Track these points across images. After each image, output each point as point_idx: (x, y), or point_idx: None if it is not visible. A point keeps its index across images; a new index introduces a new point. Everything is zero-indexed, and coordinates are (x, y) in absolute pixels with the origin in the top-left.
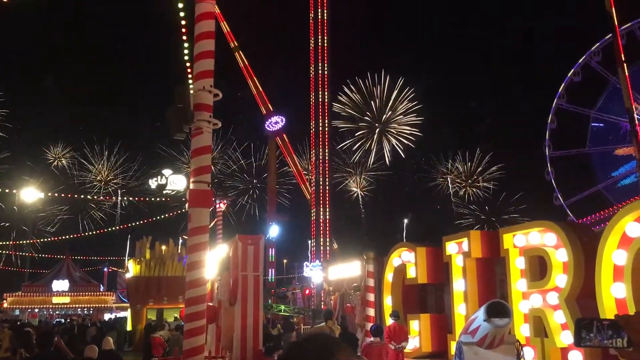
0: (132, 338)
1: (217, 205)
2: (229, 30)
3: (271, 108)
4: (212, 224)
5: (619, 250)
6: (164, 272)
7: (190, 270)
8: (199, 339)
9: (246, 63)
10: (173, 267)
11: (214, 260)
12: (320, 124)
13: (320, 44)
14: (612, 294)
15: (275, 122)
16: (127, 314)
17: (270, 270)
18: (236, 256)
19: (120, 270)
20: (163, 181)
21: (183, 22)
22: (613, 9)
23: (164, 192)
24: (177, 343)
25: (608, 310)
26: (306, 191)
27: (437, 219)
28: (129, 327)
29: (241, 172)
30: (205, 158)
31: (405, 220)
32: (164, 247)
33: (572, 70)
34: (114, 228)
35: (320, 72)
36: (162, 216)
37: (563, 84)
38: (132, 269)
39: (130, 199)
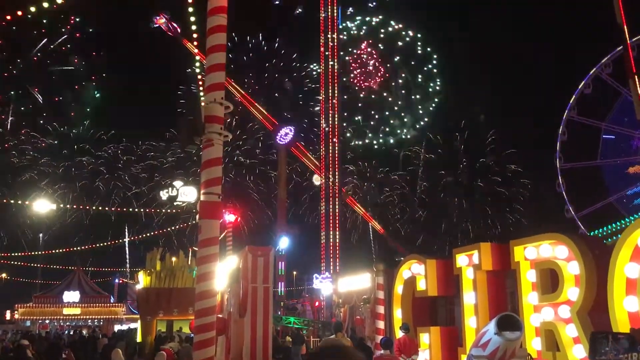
0: (142, 350)
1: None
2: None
3: (276, 122)
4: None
5: (632, 263)
6: (174, 284)
7: (200, 282)
8: (208, 350)
9: (241, 91)
10: (183, 278)
11: (224, 271)
12: (331, 148)
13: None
14: (624, 308)
15: (285, 134)
16: (137, 325)
17: (280, 283)
18: (246, 268)
19: (130, 281)
20: (174, 193)
21: (195, 35)
22: (624, 21)
23: (175, 203)
24: (187, 355)
25: (621, 324)
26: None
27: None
28: (138, 339)
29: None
30: (215, 170)
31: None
32: (174, 259)
33: (583, 82)
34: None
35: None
36: (173, 227)
37: (574, 96)
38: (143, 280)
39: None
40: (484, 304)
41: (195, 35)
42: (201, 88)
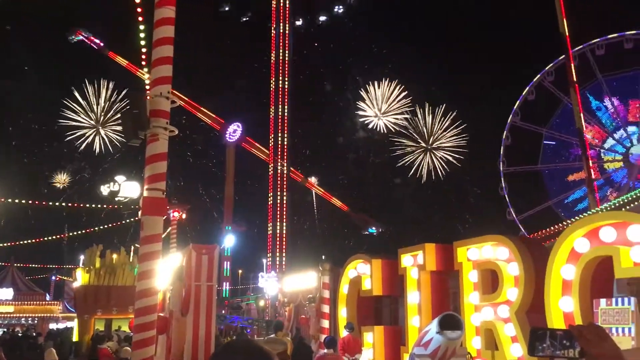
0: (78, 349)
1: (172, 215)
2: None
3: (222, 120)
4: (165, 233)
5: (568, 265)
6: (114, 282)
7: (141, 280)
8: (148, 350)
9: (184, 98)
10: (124, 276)
11: (166, 269)
12: (280, 133)
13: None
14: (560, 308)
15: (234, 131)
16: (74, 324)
17: (224, 283)
18: (189, 266)
19: (68, 279)
20: (116, 187)
21: (142, 27)
22: (567, 31)
23: (116, 199)
24: (126, 354)
25: (556, 323)
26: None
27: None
28: (75, 338)
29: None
30: (160, 165)
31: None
32: (115, 256)
33: (527, 89)
34: (62, 235)
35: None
36: (114, 224)
37: (517, 102)
38: (81, 277)
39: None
40: (427, 303)
41: (141, 27)
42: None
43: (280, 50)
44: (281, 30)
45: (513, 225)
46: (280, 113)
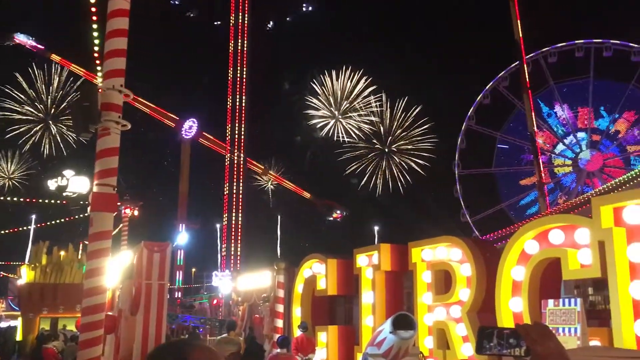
0: (22, 349)
1: (124, 212)
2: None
3: (177, 117)
4: (116, 230)
5: (518, 266)
6: (61, 279)
7: (89, 278)
8: (95, 350)
9: (141, 100)
10: (72, 273)
11: (116, 267)
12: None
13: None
14: (510, 308)
15: (190, 127)
16: (18, 323)
17: (177, 272)
18: (140, 264)
19: (12, 276)
20: (64, 182)
21: (94, 18)
22: (521, 38)
23: (64, 194)
24: (72, 354)
25: (506, 323)
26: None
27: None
28: (19, 337)
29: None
30: (111, 160)
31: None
32: (62, 253)
33: (482, 93)
34: (9, 231)
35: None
36: (62, 220)
37: (473, 106)
38: (26, 275)
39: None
40: (382, 303)
41: (94, 18)
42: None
43: (239, 40)
44: (240, 21)
45: (467, 227)
46: (237, 103)
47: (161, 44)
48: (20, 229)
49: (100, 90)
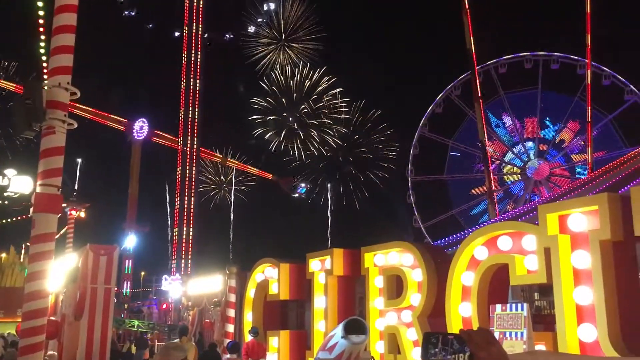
0: None
1: (69, 213)
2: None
3: (125, 120)
4: (61, 232)
5: (468, 271)
6: (2, 282)
7: (30, 281)
8: (35, 356)
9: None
10: (13, 276)
11: (60, 270)
12: (190, 113)
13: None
14: (459, 313)
15: (141, 128)
16: None
17: (125, 282)
18: (86, 267)
19: None
20: (5, 182)
21: (41, 13)
22: (473, 48)
23: (5, 194)
24: None
25: (455, 328)
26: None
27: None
28: None
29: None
30: (56, 160)
31: None
32: (3, 255)
33: (435, 101)
34: None
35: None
36: (3, 221)
37: (426, 114)
38: None
39: None
40: (334, 308)
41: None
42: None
43: (194, 25)
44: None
45: (419, 233)
46: (192, 86)
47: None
48: None
49: (45, 87)
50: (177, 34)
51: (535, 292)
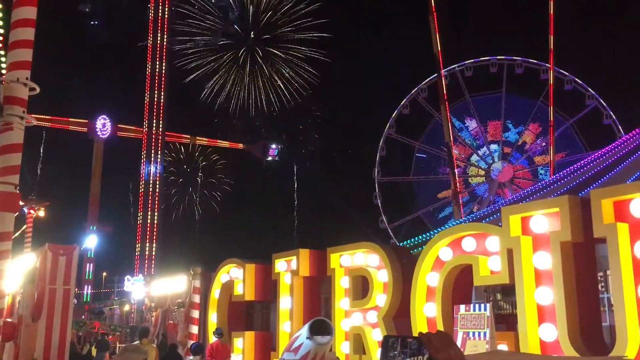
0: None
1: (28, 211)
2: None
3: (86, 120)
4: (19, 232)
5: (433, 272)
6: None
7: None
8: None
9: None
10: None
11: (17, 271)
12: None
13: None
14: (424, 313)
15: (103, 125)
16: None
17: (86, 287)
18: (44, 267)
19: None
20: None
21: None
22: (439, 51)
23: None
24: None
25: (420, 328)
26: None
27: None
28: None
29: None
30: (13, 157)
31: None
32: None
33: (402, 103)
34: None
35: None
36: None
37: (393, 115)
38: None
39: None
40: (299, 309)
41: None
42: None
43: (160, 7)
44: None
45: (385, 234)
46: (157, 70)
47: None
48: None
49: (3, 82)
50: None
51: (498, 293)
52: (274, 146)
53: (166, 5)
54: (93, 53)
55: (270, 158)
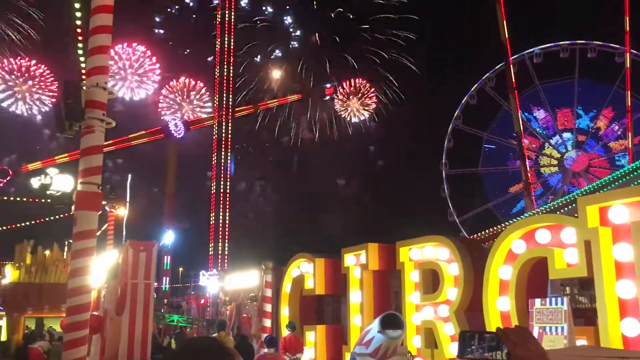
0: (7, 349)
1: (109, 210)
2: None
3: (159, 128)
4: (102, 229)
5: (505, 265)
6: (46, 279)
7: (73, 277)
8: (80, 350)
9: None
10: (57, 273)
11: (101, 266)
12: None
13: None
14: (497, 308)
15: (176, 126)
16: (2, 322)
17: (164, 278)
18: (126, 263)
19: None
20: (47, 180)
21: (78, 15)
22: (507, 39)
23: (48, 192)
24: (58, 354)
25: (493, 323)
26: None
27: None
28: (3, 337)
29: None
30: (95, 158)
31: None
32: (47, 252)
33: (469, 93)
34: None
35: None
36: (46, 219)
37: (460, 106)
38: (10, 274)
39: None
40: (369, 303)
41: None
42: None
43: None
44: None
45: (454, 227)
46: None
47: None
48: (3, 228)
49: (84, 87)
50: None
51: (576, 286)
52: (328, 85)
53: None
54: None
55: (327, 97)
